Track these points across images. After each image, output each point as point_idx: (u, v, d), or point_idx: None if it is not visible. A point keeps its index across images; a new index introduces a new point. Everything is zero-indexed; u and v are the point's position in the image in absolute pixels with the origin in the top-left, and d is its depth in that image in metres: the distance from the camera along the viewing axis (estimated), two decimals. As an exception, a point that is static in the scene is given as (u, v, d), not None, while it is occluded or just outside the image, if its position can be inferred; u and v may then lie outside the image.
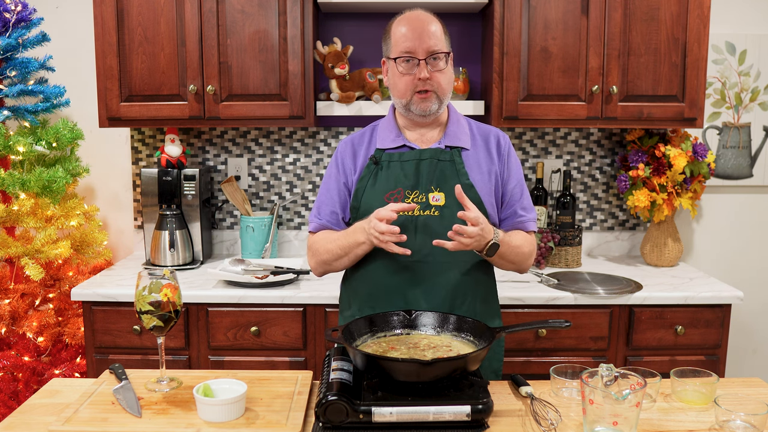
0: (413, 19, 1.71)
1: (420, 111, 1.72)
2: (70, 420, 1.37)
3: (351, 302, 1.82)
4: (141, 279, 1.47)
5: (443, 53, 1.70)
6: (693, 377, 1.51)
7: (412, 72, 1.69)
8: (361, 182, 1.76)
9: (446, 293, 1.70)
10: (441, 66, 1.70)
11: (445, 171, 1.72)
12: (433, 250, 1.68)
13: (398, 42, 1.70)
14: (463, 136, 1.78)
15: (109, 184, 2.98)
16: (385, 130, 1.80)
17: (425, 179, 1.72)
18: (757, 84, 2.92)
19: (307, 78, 2.53)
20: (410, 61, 1.69)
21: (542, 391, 1.53)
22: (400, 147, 1.77)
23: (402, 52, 1.69)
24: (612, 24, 2.49)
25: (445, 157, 1.73)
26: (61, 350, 2.59)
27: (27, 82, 2.60)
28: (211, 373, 1.67)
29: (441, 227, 1.68)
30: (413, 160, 1.73)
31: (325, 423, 1.33)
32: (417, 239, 1.69)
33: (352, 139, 1.85)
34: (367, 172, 1.76)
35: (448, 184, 1.71)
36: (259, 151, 2.93)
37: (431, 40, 1.68)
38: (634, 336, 2.36)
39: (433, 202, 1.70)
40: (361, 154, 1.80)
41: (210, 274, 2.47)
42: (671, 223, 2.77)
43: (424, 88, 1.69)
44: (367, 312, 1.74)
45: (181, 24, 2.49)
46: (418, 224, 1.69)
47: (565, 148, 2.94)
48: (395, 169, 1.73)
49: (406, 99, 1.72)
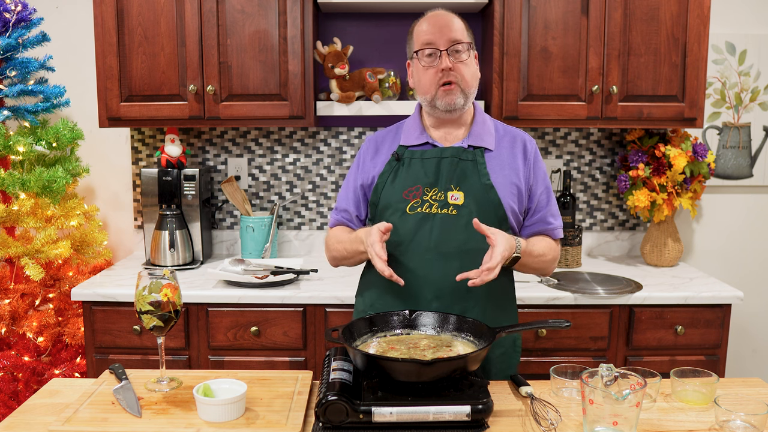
0: (434, 15, 1.73)
1: (445, 105, 1.71)
2: (70, 420, 1.37)
3: (364, 301, 1.82)
4: (141, 279, 1.47)
5: (465, 43, 1.70)
6: (693, 377, 1.51)
7: (434, 65, 1.70)
8: (381, 177, 1.76)
9: (458, 294, 1.68)
10: (463, 57, 1.70)
11: (466, 170, 1.71)
12: (447, 249, 1.67)
13: (419, 37, 1.72)
14: (488, 136, 1.77)
15: (109, 184, 2.98)
16: (411, 128, 1.81)
17: (445, 177, 1.71)
18: (757, 84, 2.92)
19: (307, 78, 2.53)
20: (432, 55, 1.69)
21: (542, 391, 1.53)
22: (423, 144, 1.77)
23: (423, 45, 1.70)
24: (612, 24, 2.49)
25: (467, 157, 1.73)
26: (61, 350, 2.59)
27: (27, 82, 2.60)
28: (211, 373, 1.67)
29: (458, 226, 1.68)
30: (434, 158, 1.73)
31: (325, 423, 1.33)
32: (433, 236, 1.68)
33: (376, 136, 1.86)
34: (388, 168, 1.76)
35: (468, 183, 1.70)
36: (259, 151, 2.93)
37: (452, 32, 1.69)
38: (634, 336, 2.36)
39: (452, 200, 1.69)
40: (384, 150, 1.81)
41: (210, 274, 2.47)
42: (671, 223, 2.77)
43: (447, 79, 1.68)
44: (379, 306, 1.74)
45: (181, 24, 2.49)
46: (434, 222, 1.69)
47: (565, 148, 2.94)
48: (416, 166, 1.73)
49: (431, 94, 1.72)
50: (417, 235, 1.69)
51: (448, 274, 1.67)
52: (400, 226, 1.70)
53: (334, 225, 1.87)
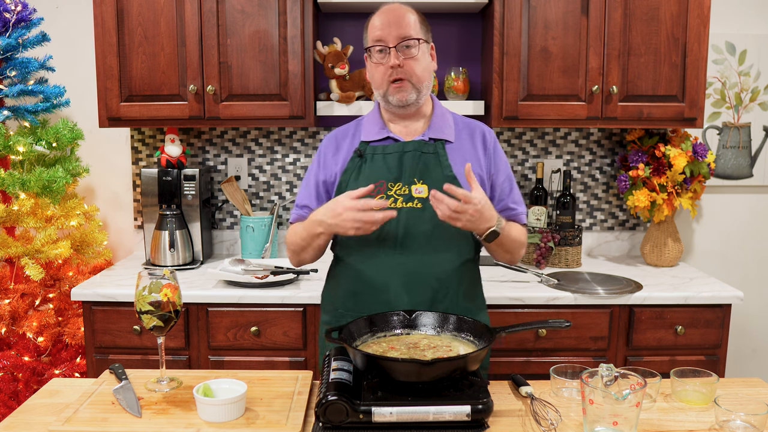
0: (387, 10, 1.73)
1: (397, 101, 1.72)
2: (70, 420, 1.37)
3: (334, 296, 1.82)
4: (141, 279, 1.47)
5: (414, 39, 1.69)
6: (693, 377, 1.51)
7: (384, 61, 1.70)
8: (345, 175, 1.76)
9: (429, 286, 1.70)
10: (413, 53, 1.70)
11: (429, 163, 1.73)
12: (415, 243, 1.69)
13: (371, 33, 1.73)
14: (447, 129, 1.79)
15: (109, 184, 2.98)
16: (370, 123, 1.81)
17: (408, 171, 1.72)
18: (757, 84, 2.92)
19: (307, 78, 2.53)
20: (382, 51, 1.70)
21: (542, 391, 1.53)
22: (384, 139, 1.77)
23: (374, 41, 1.71)
24: (612, 24, 2.49)
25: (429, 150, 1.74)
26: (61, 350, 2.59)
27: (27, 82, 2.60)
28: (211, 373, 1.67)
29: (424, 219, 1.69)
30: (397, 152, 1.74)
31: (325, 423, 1.33)
32: (400, 230, 1.69)
33: (336, 133, 1.86)
34: (351, 165, 1.76)
35: (431, 175, 1.71)
36: (259, 151, 2.93)
37: (402, 29, 1.68)
38: (634, 336, 2.36)
39: (416, 194, 1.71)
40: (345, 147, 1.81)
41: (210, 274, 2.47)
42: (671, 223, 2.77)
43: (396, 76, 1.69)
44: (350, 306, 1.74)
45: (181, 24, 2.49)
46: (401, 216, 1.70)
47: (565, 148, 2.94)
48: (378, 162, 1.74)
49: (383, 90, 1.73)
50: (384, 231, 1.69)
51: (417, 266, 1.69)
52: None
53: (294, 221, 1.86)
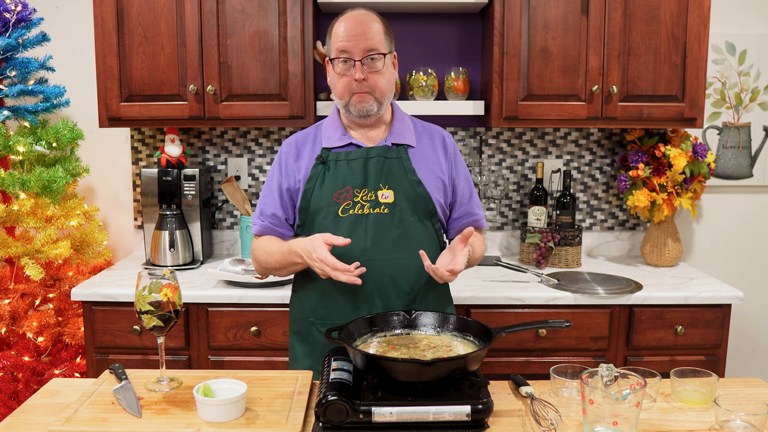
0: (352, 18, 1.70)
1: (358, 112, 1.71)
2: (70, 420, 1.37)
3: (303, 303, 1.81)
4: (141, 279, 1.47)
5: (380, 54, 1.68)
6: (693, 377, 1.51)
7: (348, 73, 1.69)
8: (309, 183, 1.74)
9: (399, 290, 1.71)
10: (378, 67, 1.69)
11: (393, 168, 1.73)
12: (384, 248, 1.69)
13: (335, 42, 1.70)
14: (408, 133, 1.79)
15: (109, 184, 2.98)
16: (330, 129, 1.79)
17: (373, 177, 1.72)
18: (757, 84, 2.92)
19: (307, 78, 2.53)
20: (347, 62, 1.68)
21: (542, 391, 1.53)
22: (346, 146, 1.76)
23: (338, 52, 1.68)
24: (612, 24, 2.49)
25: (392, 155, 1.74)
26: (61, 350, 2.59)
27: (27, 82, 2.60)
28: (211, 373, 1.67)
29: (392, 224, 1.70)
30: (361, 158, 1.73)
31: (325, 423, 1.33)
32: (368, 237, 1.69)
33: (295, 139, 1.83)
34: (314, 172, 1.75)
35: (396, 180, 1.72)
36: (259, 151, 2.93)
37: (368, 41, 1.67)
38: (634, 336, 2.36)
39: (383, 199, 1.71)
40: (306, 154, 1.78)
41: (210, 274, 2.47)
42: (671, 223, 2.77)
43: (360, 90, 1.68)
44: (322, 314, 1.75)
45: (181, 24, 2.49)
46: (368, 222, 1.70)
47: (565, 148, 2.94)
48: (343, 168, 1.73)
49: (344, 100, 1.72)
50: (353, 237, 1.67)
51: (387, 271, 1.69)
52: (334, 230, 1.69)
53: (260, 233, 1.82)
